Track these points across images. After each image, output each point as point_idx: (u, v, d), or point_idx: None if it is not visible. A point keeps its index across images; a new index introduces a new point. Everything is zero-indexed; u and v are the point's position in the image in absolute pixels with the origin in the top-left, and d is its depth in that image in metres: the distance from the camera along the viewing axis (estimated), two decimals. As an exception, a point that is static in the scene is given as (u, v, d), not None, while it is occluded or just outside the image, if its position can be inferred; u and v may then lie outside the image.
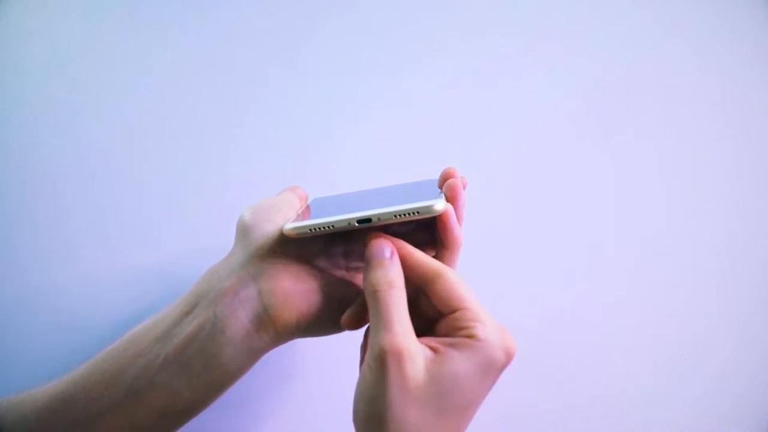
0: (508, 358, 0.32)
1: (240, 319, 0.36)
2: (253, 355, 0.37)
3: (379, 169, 0.54)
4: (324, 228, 0.35)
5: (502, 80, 0.55)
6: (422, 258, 0.35)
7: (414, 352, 0.31)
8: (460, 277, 0.35)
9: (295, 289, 0.37)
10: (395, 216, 0.35)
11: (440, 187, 0.39)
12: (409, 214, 0.35)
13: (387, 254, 0.34)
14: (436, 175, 0.42)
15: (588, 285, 0.52)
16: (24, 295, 0.51)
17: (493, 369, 0.32)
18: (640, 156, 0.54)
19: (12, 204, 0.53)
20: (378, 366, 0.30)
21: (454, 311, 0.33)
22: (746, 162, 0.54)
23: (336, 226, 0.35)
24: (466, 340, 0.32)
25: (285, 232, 0.36)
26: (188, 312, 0.37)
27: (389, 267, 0.33)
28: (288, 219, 0.39)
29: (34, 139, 0.53)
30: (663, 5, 0.55)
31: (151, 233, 0.52)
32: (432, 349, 0.32)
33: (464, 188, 0.38)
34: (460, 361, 0.31)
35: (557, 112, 0.55)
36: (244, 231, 0.38)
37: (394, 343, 0.30)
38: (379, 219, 0.35)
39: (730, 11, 0.55)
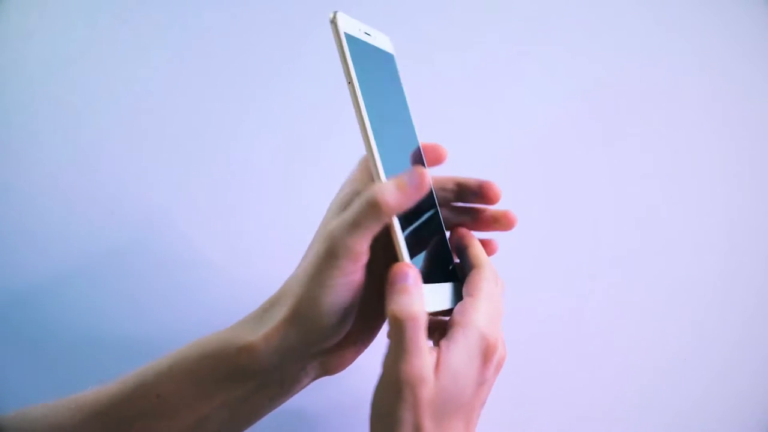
0: (485, 341, 0.33)
1: (302, 384, 0.37)
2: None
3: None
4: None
5: (502, 80, 0.55)
6: (477, 248, 0.38)
7: (428, 377, 0.31)
8: (495, 278, 0.36)
9: (354, 351, 0.38)
10: None
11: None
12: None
13: (410, 280, 0.33)
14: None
15: (587, 286, 0.52)
16: (23, 297, 0.51)
17: (474, 351, 0.33)
18: (639, 157, 0.54)
19: (12, 204, 0.53)
20: (394, 389, 0.31)
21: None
22: (746, 162, 0.54)
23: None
24: (452, 330, 0.33)
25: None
26: (254, 388, 0.36)
27: (413, 294, 0.33)
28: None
29: (35, 139, 0.53)
30: (663, 5, 0.55)
31: (151, 234, 0.52)
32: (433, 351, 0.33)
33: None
34: (454, 353, 0.32)
35: (556, 112, 0.55)
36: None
37: (413, 374, 0.31)
38: None
39: (730, 11, 0.55)
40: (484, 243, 0.40)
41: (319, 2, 0.56)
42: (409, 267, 0.33)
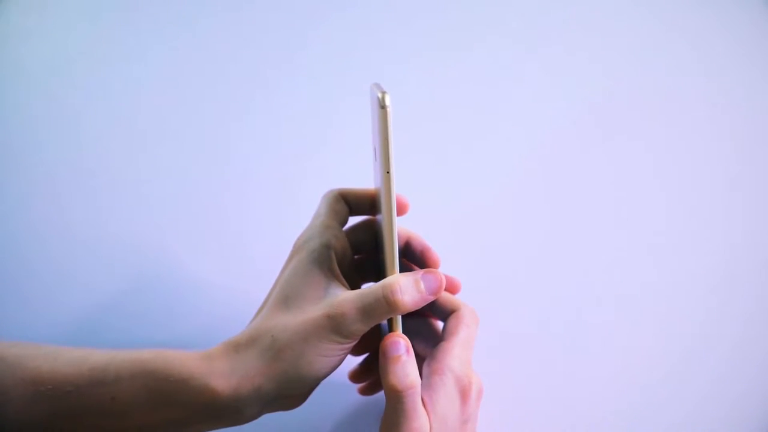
0: (461, 383, 0.35)
1: (253, 419, 0.35)
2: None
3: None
4: None
5: (502, 82, 0.55)
6: (447, 295, 0.39)
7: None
8: (472, 319, 0.38)
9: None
10: None
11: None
12: None
13: (403, 350, 0.35)
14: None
15: (587, 287, 0.52)
16: (22, 296, 0.51)
17: (453, 393, 0.35)
18: (639, 158, 0.54)
19: (12, 204, 0.53)
20: None
21: (443, 340, 0.37)
22: (747, 163, 0.54)
23: None
24: (431, 379, 0.35)
25: None
26: (206, 419, 0.35)
27: (407, 365, 0.34)
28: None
29: (35, 139, 0.54)
30: (663, 6, 0.55)
31: (150, 233, 0.53)
32: (423, 402, 0.35)
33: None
34: (436, 401, 0.35)
35: (557, 114, 0.55)
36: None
37: None
38: None
39: (730, 12, 0.55)
40: (448, 285, 0.40)
41: (318, 1, 0.56)
42: (402, 337, 0.35)
